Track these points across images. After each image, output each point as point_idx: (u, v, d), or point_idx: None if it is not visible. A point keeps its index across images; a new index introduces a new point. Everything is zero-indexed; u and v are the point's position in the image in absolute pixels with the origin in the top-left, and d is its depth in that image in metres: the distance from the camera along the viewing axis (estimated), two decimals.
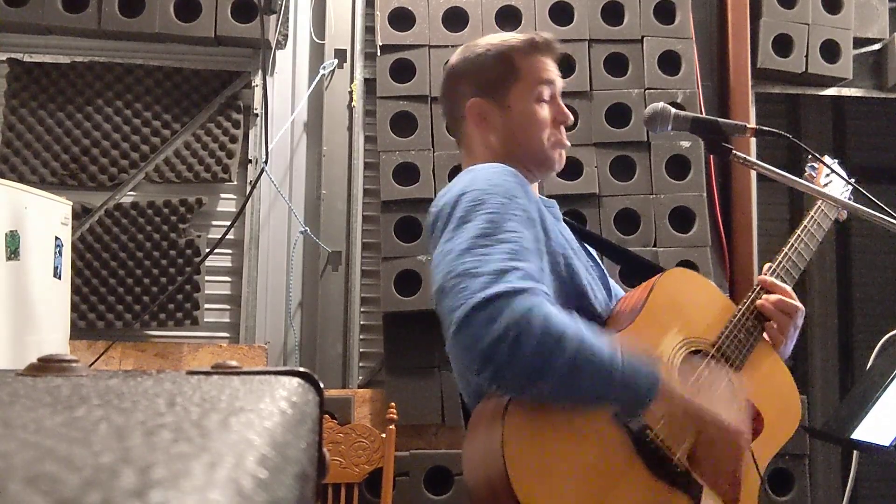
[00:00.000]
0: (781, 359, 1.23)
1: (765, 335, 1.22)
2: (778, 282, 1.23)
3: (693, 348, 1.13)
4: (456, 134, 1.32)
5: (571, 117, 1.27)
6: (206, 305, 2.59)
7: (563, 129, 1.26)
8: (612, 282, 1.29)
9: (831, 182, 1.45)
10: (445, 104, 1.32)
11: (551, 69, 1.25)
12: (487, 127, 1.23)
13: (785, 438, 1.17)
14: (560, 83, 1.26)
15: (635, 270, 1.43)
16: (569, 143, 1.28)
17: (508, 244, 0.99)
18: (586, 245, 1.34)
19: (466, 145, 1.29)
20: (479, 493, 0.99)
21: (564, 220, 1.30)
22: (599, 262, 1.32)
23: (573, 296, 1.12)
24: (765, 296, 1.22)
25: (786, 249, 1.29)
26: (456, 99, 1.27)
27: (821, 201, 1.35)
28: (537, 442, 0.95)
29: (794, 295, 1.23)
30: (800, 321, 1.22)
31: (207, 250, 2.48)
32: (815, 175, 1.46)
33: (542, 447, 0.95)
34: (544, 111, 1.23)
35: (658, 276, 1.18)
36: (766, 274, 1.26)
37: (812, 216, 1.34)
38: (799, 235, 1.31)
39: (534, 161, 1.24)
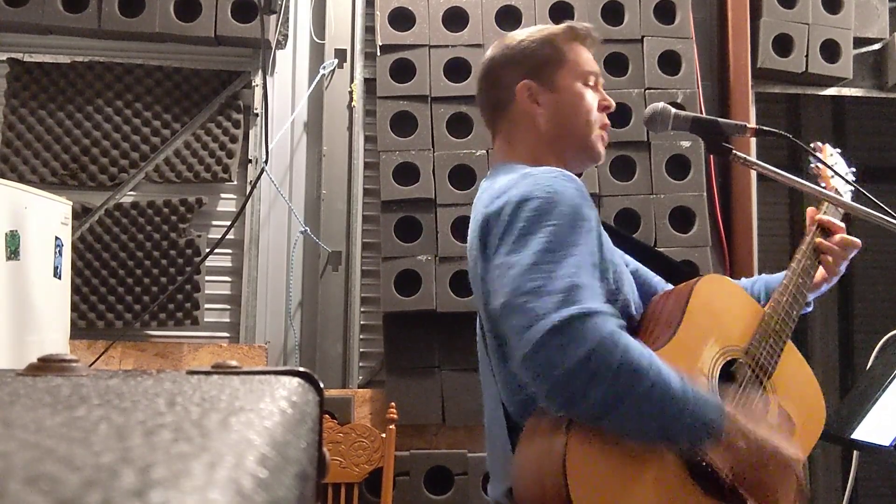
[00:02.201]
0: (824, 290, 1.35)
1: (821, 267, 1.31)
2: (834, 219, 1.31)
3: (730, 357, 1.13)
4: (496, 118, 1.27)
5: (614, 103, 1.27)
6: (207, 305, 2.59)
7: (605, 115, 1.26)
8: (631, 270, 1.28)
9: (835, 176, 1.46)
10: (488, 94, 1.28)
11: (592, 59, 1.27)
12: (537, 110, 1.22)
13: (813, 441, 1.19)
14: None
15: (658, 269, 1.42)
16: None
17: (575, 258, 0.97)
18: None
19: (508, 136, 1.25)
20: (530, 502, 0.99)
21: None
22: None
23: (617, 305, 1.11)
24: (825, 237, 1.30)
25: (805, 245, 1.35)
26: (502, 85, 1.24)
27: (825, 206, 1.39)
28: (599, 457, 0.95)
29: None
30: (853, 255, 1.31)
31: (207, 250, 2.48)
32: (820, 168, 1.47)
33: (604, 463, 0.95)
34: (590, 94, 1.23)
35: (694, 282, 1.17)
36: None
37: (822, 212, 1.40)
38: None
39: (579, 147, 1.23)
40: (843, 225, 1.31)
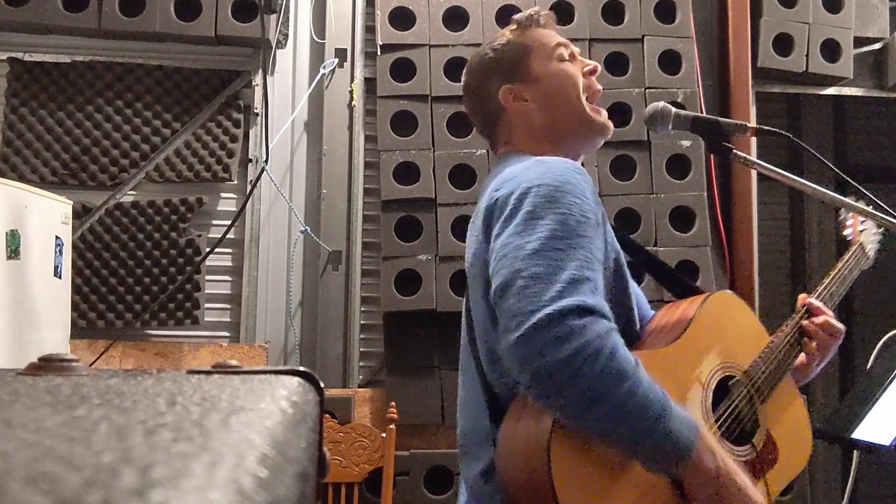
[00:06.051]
0: (812, 375, 1.29)
1: (801, 357, 1.26)
2: (822, 305, 1.28)
3: (728, 373, 1.14)
4: (493, 131, 1.27)
5: (597, 64, 1.26)
6: (207, 305, 2.59)
7: (594, 79, 1.24)
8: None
9: (867, 227, 1.50)
10: (476, 104, 1.29)
11: (555, 33, 1.25)
12: (527, 106, 1.21)
13: (796, 471, 1.19)
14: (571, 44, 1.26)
15: (662, 278, 1.42)
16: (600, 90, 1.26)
17: (581, 251, 0.95)
18: None
19: (507, 138, 1.25)
20: (515, 485, 0.98)
21: None
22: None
23: (618, 298, 1.10)
24: (810, 319, 1.26)
25: (823, 286, 1.34)
26: (487, 94, 1.24)
27: (857, 246, 1.42)
28: (584, 442, 0.94)
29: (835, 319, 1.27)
30: (839, 342, 1.26)
31: (208, 250, 2.49)
32: (850, 220, 1.51)
33: (588, 449, 0.94)
34: (570, 68, 1.22)
35: (707, 294, 1.19)
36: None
37: (852, 252, 1.41)
38: (836, 274, 1.37)
39: (580, 126, 1.21)
40: (830, 312, 1.28)
